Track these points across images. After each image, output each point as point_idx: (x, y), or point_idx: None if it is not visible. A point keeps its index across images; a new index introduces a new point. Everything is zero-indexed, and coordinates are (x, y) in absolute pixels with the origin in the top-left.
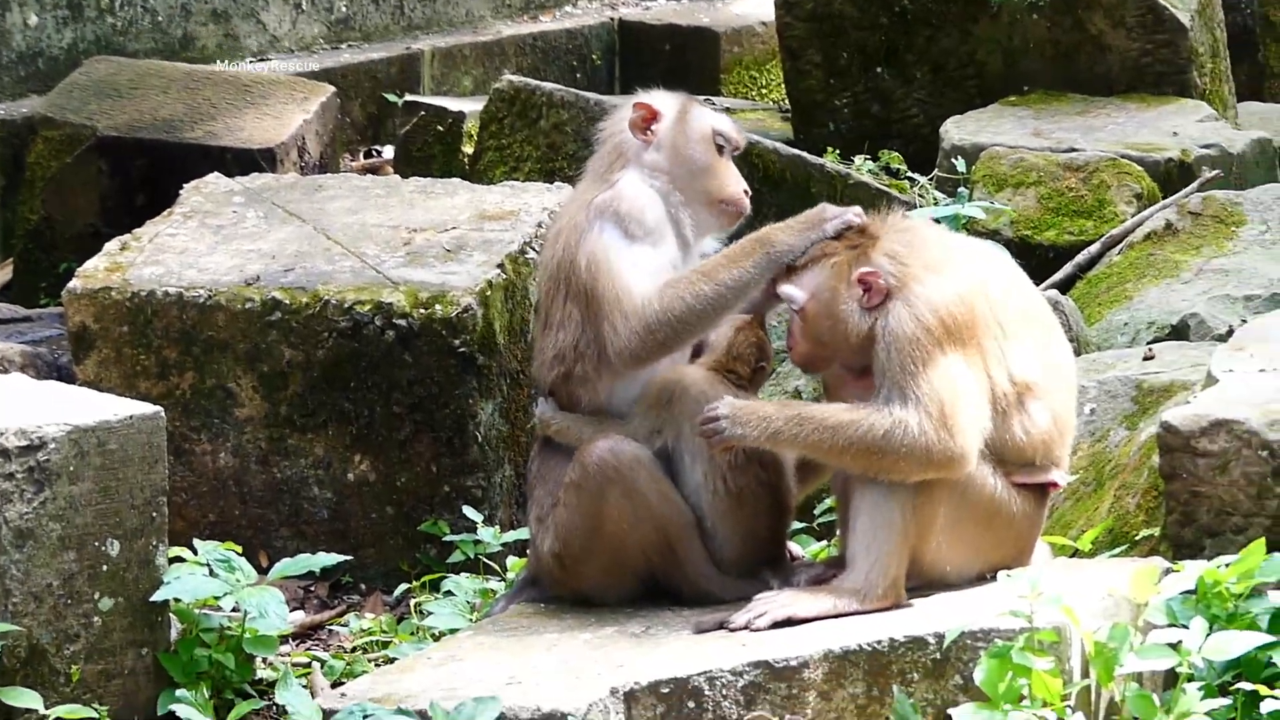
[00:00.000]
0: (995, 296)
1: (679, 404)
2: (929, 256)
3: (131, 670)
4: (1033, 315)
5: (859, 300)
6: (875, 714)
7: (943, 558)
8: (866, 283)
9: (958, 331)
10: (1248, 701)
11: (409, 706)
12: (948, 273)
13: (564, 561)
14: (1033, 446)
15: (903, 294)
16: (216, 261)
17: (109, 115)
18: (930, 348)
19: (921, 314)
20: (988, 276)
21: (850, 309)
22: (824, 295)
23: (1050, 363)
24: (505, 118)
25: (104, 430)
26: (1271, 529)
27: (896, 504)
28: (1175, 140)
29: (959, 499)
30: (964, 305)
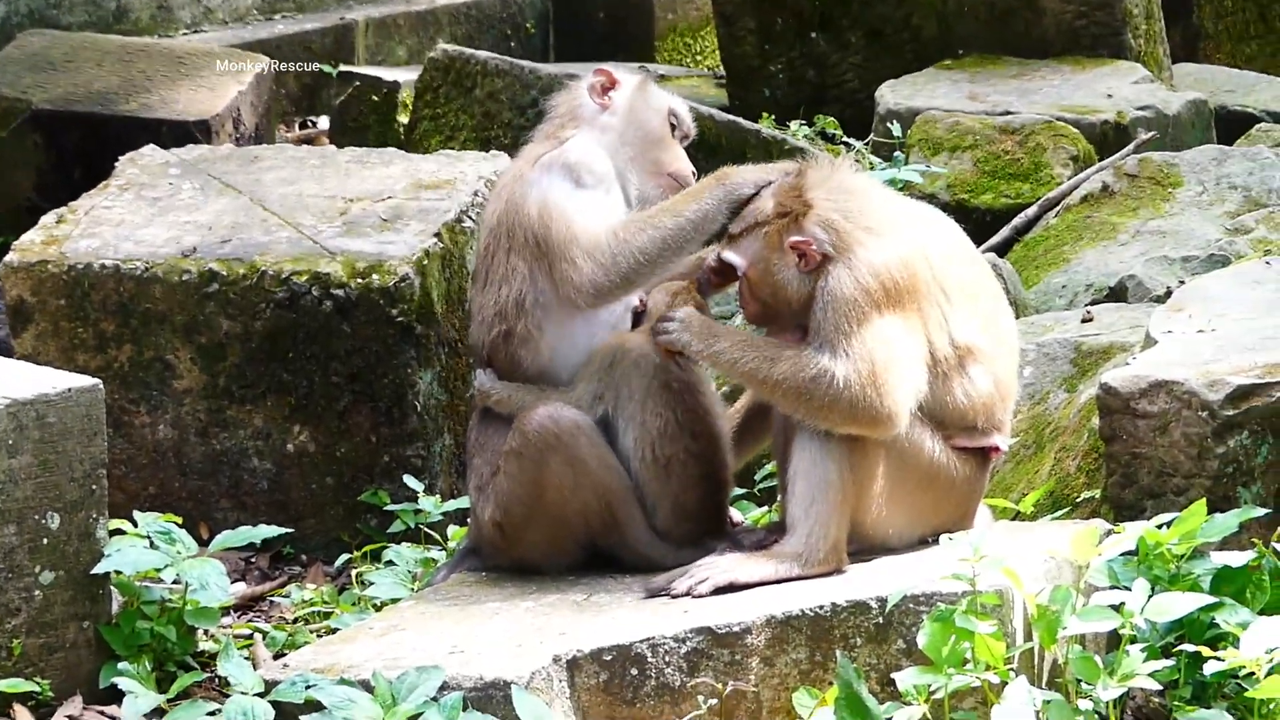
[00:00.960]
0: (937, 261)
1: (619, 368)
2: (870, 219)
3: (73, 643)
4: (975, 280)
5: (795, 266)
6: (818, 679)
7: (884, 521)
8: (799, 250)
9: (897, 294)
10: (1190, 663)
11: (351, 676)
12: (889, 235)
13: (505, 530)
14: (973, 410)
15: (843, 257)
16: (153, 234)
17: (44, 89)
18: (867, 309)
19: (861, 277)
20: (930, 240)
21: (788, 275)
22: (760, 264)
23: (992, 327)
24: (440, 87)
25: (42, 403)
26: (1212, 489)
27: (835, 468)
28: (1111, 102)
29: (898, 463)
30: (905, 268)
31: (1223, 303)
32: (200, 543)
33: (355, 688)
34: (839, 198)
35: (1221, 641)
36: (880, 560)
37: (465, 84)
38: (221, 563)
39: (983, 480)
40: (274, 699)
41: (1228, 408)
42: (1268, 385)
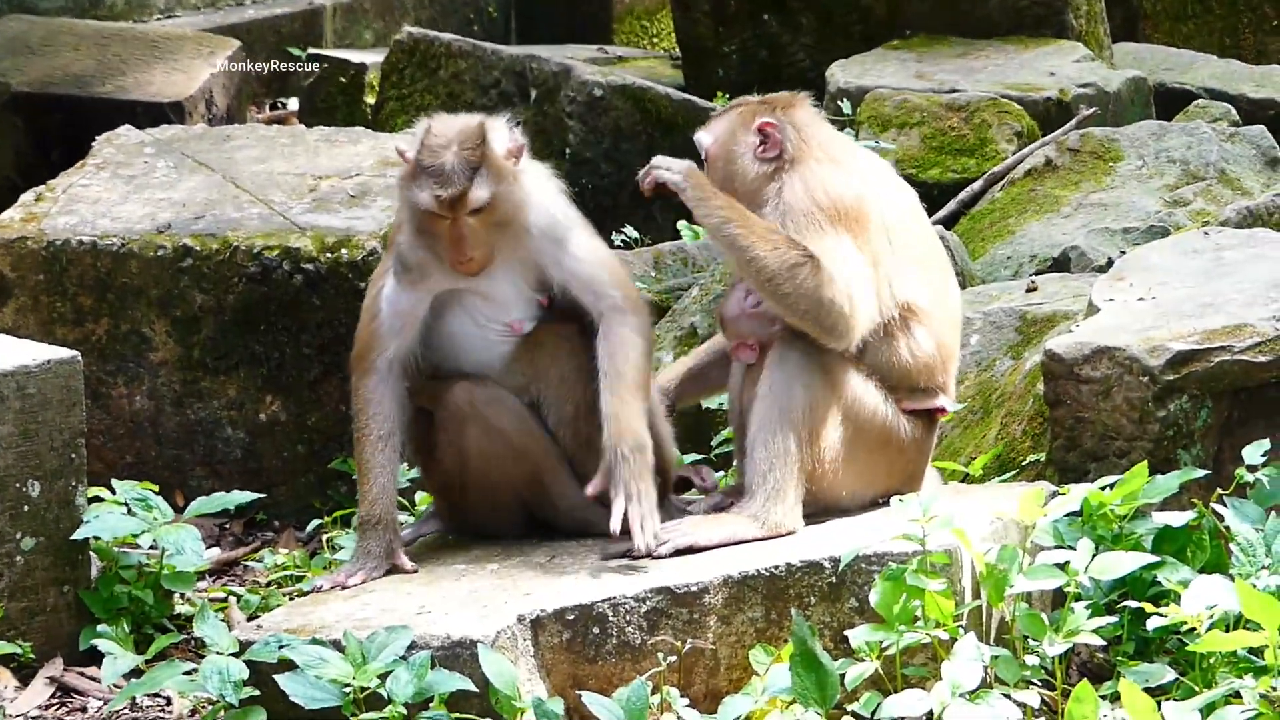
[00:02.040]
0: (888, 213)
1: (540, 358)
2: (833, 149)
3: (54, 607)
4: (923, 243)
5: (754, 150)
6: (774, 637)
7: (838, 484)
8: (765, 132)
9: (848, 218)
10: (1133, 619)
11: (323, 637)
12: (846, 167)
13: (448, 499)
14: (917, 370)
15: (798, 168)
16: (129, 210)
17: (22, 72)
18: (823, 221)
19: (814, 190)
20: (884, 194)
21: (744, 153)
22: (724, 138)
23: (937, 292)
24: (406, 68)
25: (23, 375)
26: (1153, 452)
27: (793, 438)
28: (1053, 80)
29: (854, 428)
30: (856, 199)
31: (1162, 272)
32: (176, 509)
33: (327, 647)
34: (818, 125)
35: (1163, 598)
36: (833, 522)
37: (430, 65)
38: (197, 529)
39: (930, 443)
40: (248, 659)
41: (1168, 373)
42: (1206, 351)
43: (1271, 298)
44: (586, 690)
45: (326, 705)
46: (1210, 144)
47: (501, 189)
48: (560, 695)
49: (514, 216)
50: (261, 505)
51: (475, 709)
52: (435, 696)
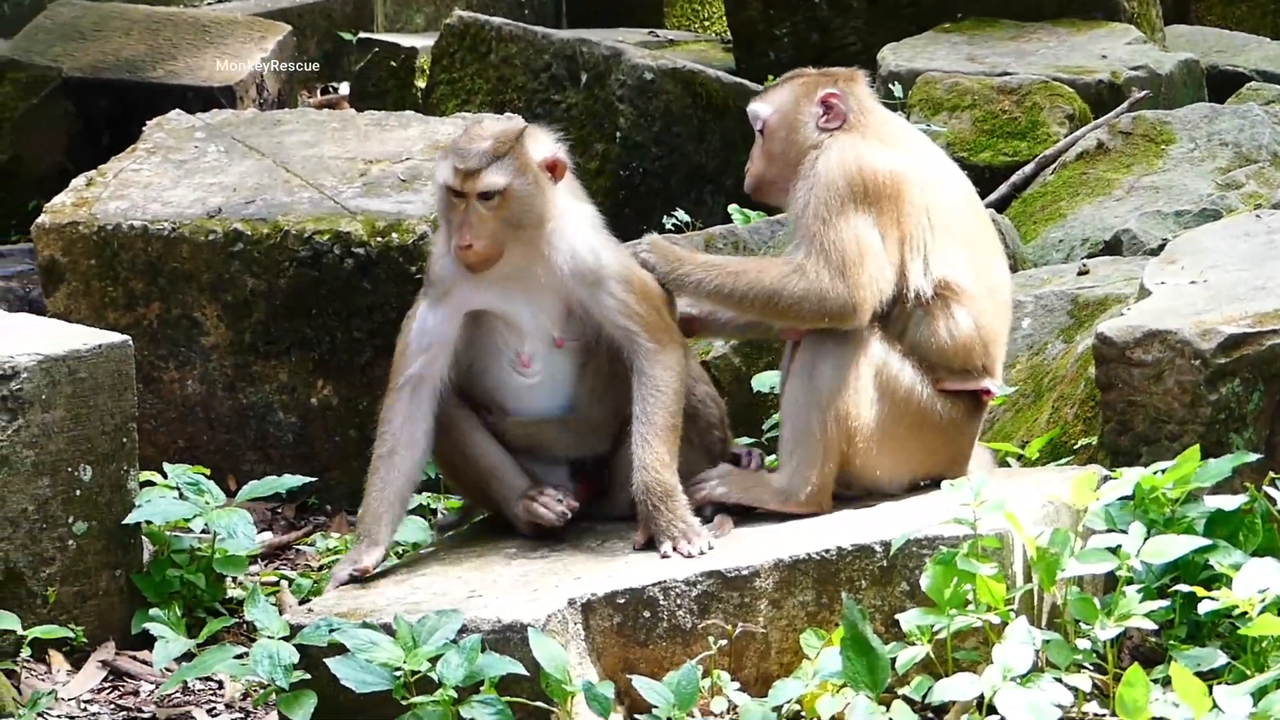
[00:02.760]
0: (931, 193)
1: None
2: (882, 125)
3: (106, 591)
4: (968, 223)
5: (817, 119)
6: (825, 620)
7: (872, 464)
8: (829, 103)
9: (877, 193)
10: (1185, 603)
11: (374, 620)
12: (889, 144)
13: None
14: (955, 349)
15: (840, 140)
16: (180, 195)
17: (74, 57)
18: (845, 198)
19: (849, 162)
20: (929, 174)
21: (807, 122)
22: (787, 108)
23: (981, 274)
24: (456, 52)
25: (74, 360)
26: (1205, 435)
27: (817, 418)
28: (1105, 63)
29: (887, 406)
30: (890, 176)
31: (1214, 255)
32: (228, 494)
33: (377, 631)
34: (873, 101)
35: (1215, 582)
36: (883, 505)
37: (480, 49)
38: (249, 513)
39: (974, 424)
40: (299, 642)
41: (1220, 356)
42: (1258, 334)
43: None
44: (637, 674)
45: (377, 689)
46: (1263, 126)
47: (519, 185)
48: (611, 679)
49: (529, 223)
50: (313, 489)
51: (526, 693)
52: (486, 680)
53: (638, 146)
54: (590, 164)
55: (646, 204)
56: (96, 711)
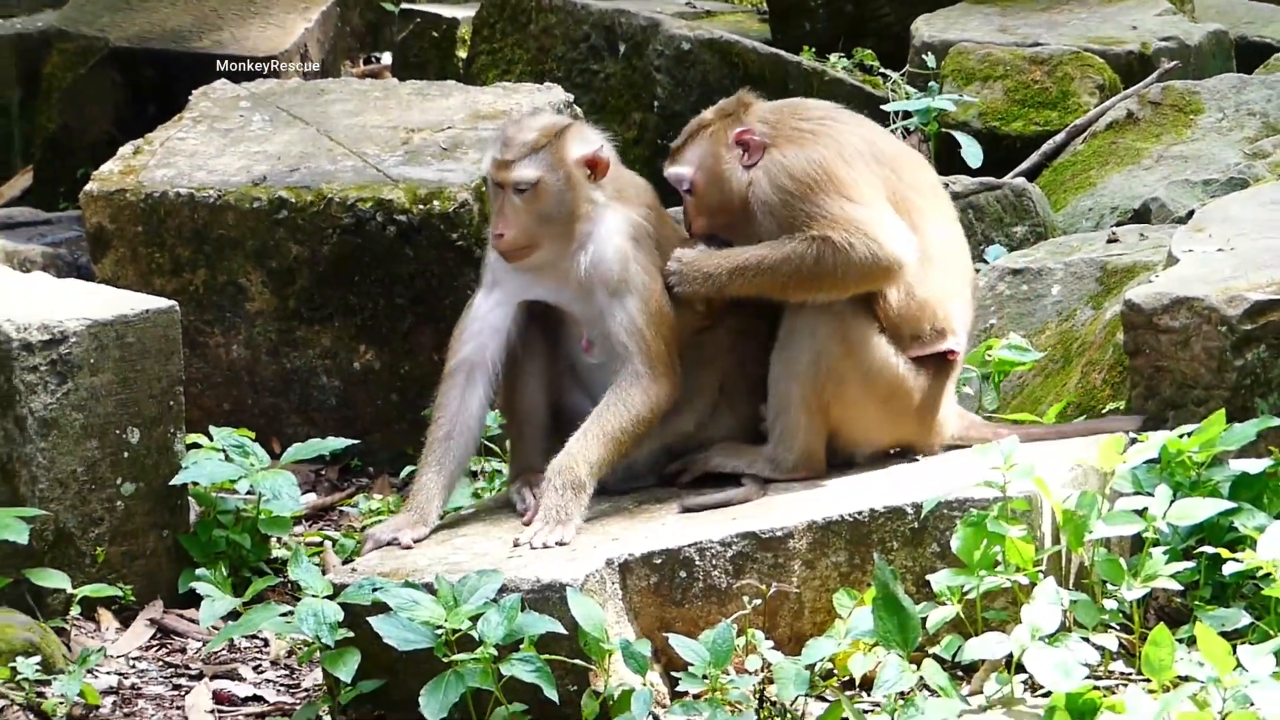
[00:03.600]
0: (855, 164)
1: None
2: (796, 132)
3: (153, 551)
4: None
5: (740, 160)
6: (857, 581)
7: (847, 431)
8: (744, 142)
9: (820, 185)
10: (1210, 564)
11: (416, 580)
12: (807, 144)
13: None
14: (901, 317)
15: (761, 164)
16: (225, 163)
17: (120, 27)
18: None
19: (777, 177)
20: (850, 149)
21: (732, 169)
22: (707, 163)
23: (927, 232)
24: (497, 23)
25: (122, 324)
26: (1231, 400)
27: (795, 385)
28: (1135, 34)
29: (862, 376)
30: (821, 169)
31: (1241, 223)
32: (272, 456)
33: (419, 590)
34: (776, 114)
35: (1240, 544)
36: (914, 467)
37: (521, 20)
38: (293, 474)
39: (942, 388)
40: (343, 601)
41: (1246, 322)
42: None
43: None
44: (673, 632)
45: (419, 646)
46: None
47: (550, 179)
48: (647, 637)
49: (560, 218)
50: (356, 452)
51: (564, 651)
52: (525, 638)
53: (675, 116)
54: (628, 133)
55: None
56: (144, 668)
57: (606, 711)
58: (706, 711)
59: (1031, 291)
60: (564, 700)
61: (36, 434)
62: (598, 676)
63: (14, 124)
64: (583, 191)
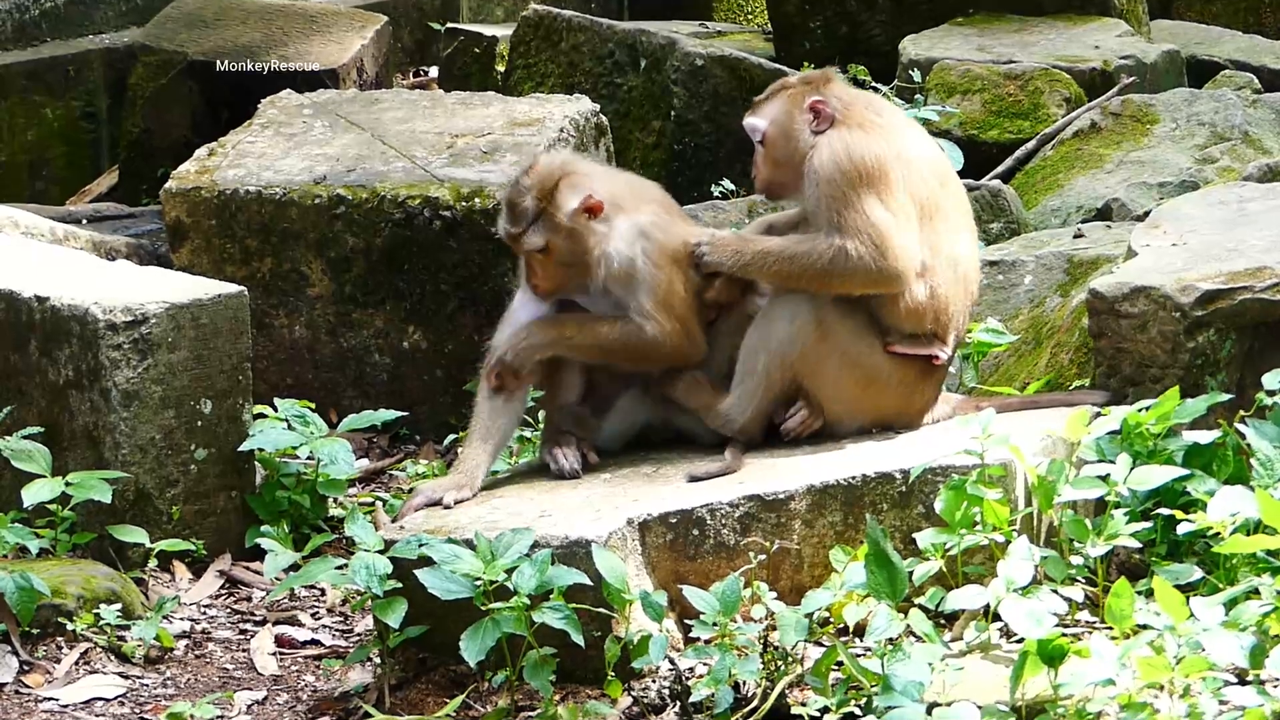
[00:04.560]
0: (908, 169)
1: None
2: (864, 115)
3: (223, 510)
4: (940, 200)
5: (809, 125)
6: (851, 539)
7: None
8: (816, 109)
9: (870, 177)
10: (1166, 525)
11: (457, 536)
12: (871, 131)
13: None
14: (905, 314)
15: (827, 137)
16: (289, 164)
17: (197, 43)
18: (845, 187)
19: (839, 155)
20: (907, 153)
21: (801, 130)
22: (779, 122)
23: (943, 245)
24: (531, 41)
25: (197, 307)
26: (1184, 378)
27: (764, 357)
28: (1098, 53)
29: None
30: (876, 160)
31: (1193, 221)
32: (330, 425)
33: (460, 546)
34: (851, 95)
35: (1192, 507)
36: (900, 437)
37: (553, 38)
38: (348, 442)
39: (925, 387)
40: (392, 555)
41: (1197, 309)
42: (1231, 290)
43: None
44: (687, 584)
45: (460, 596)
46: (1235, 109)
47: (558, 240)
48: (664, 589)
49: (579, 260)
50: (405, 422)
51: (590, 600)
52: (555, 589)
53: (690, 124)
54: (648, 139)
55: (697, 174)
56: (214, 615)
57: (627, 655)
58: (716, 655)
59: (1006, 281)
60: (589, 644)
61: (120, 405)
62: (619, 623)
63: (102, 128)
64: (587, 232)
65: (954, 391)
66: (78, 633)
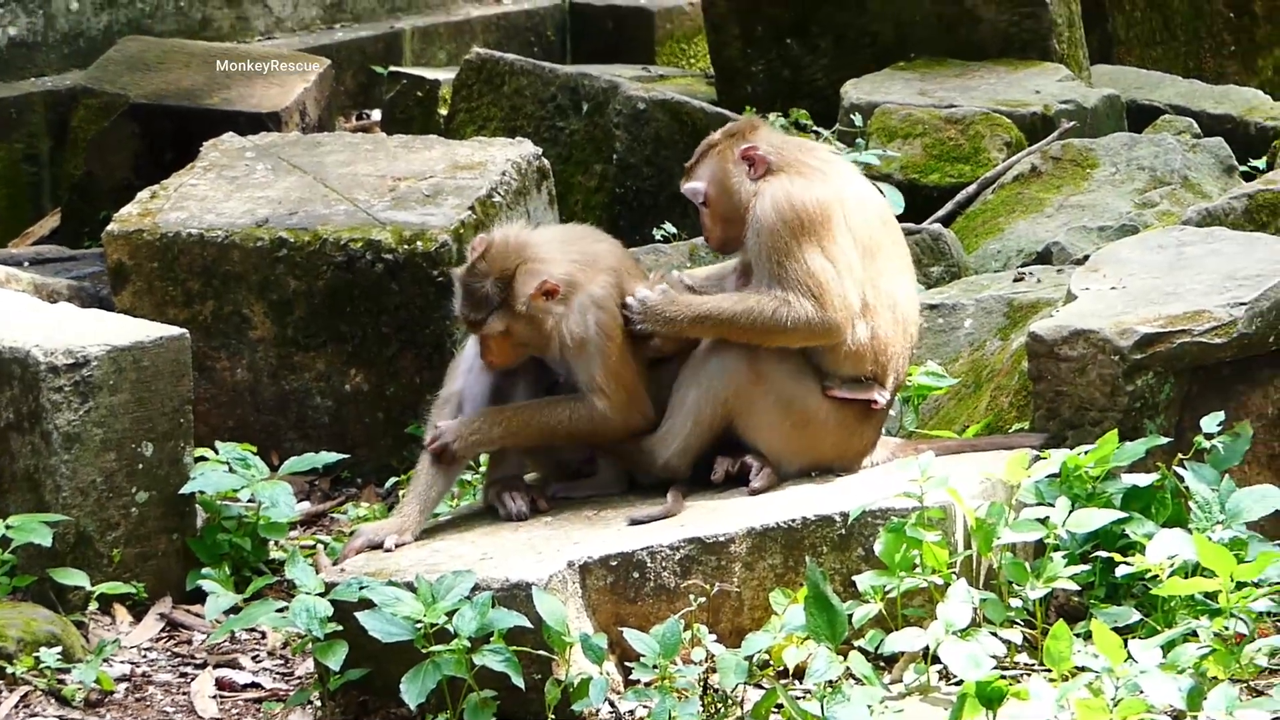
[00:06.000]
0: (850, 213)
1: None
2: (803, 164)
3: (164, 553)
4: (881, 243)
5: (747, 174)
6: (791, 581)
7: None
8: (749, 158)
9: (814, 223)
10: (1104, 567)
11: (398, 579)
12: (811, 177)
13: None
14: (845, 357)
15: (768, 186)
16: (232, 207)
17: (140, 86)
18: (787, 237)
19: (781, 204)
20: (846, 196)
21: (739, 183)
22: (718, 176)
23: (880, 289)
24: (474, 84)
25: (138, 350)
26: (1123, 421)
27: (695, 392)
28: (1038, 97)
29: (769, 402)
30: (819, 206)
31: (1132, 265)
32: (271, 468)
33: (401, 588)
34: (781, 139)
35: (1130, 549)
36: (840, 481)
37: (495, 82)
38: (289, 485)
39: (864, 430)
40: (333, 598)
41: (1136, 353)
42: (1169, 334)
43: (1226, 288)
44: (627, 627)
45: (400, 639)
46: (1175, 154)
47: (517, 325)
48: (604, 631)
49: (535, 341)
50: (346, 465)
51: (530, 643)
52: (495, 632)
53: (631, 167)
54: (590, 183)
55: (639, 218)
56: (155, 658)
57: (567, 697)
58: (656, 698)
59: (947, 324)
60: (530, 687)
61: (61, 447)
62: (560, 666)
63: (44, 170)
64: (545, 314)
65: (894, 434)
66: (17, 676)
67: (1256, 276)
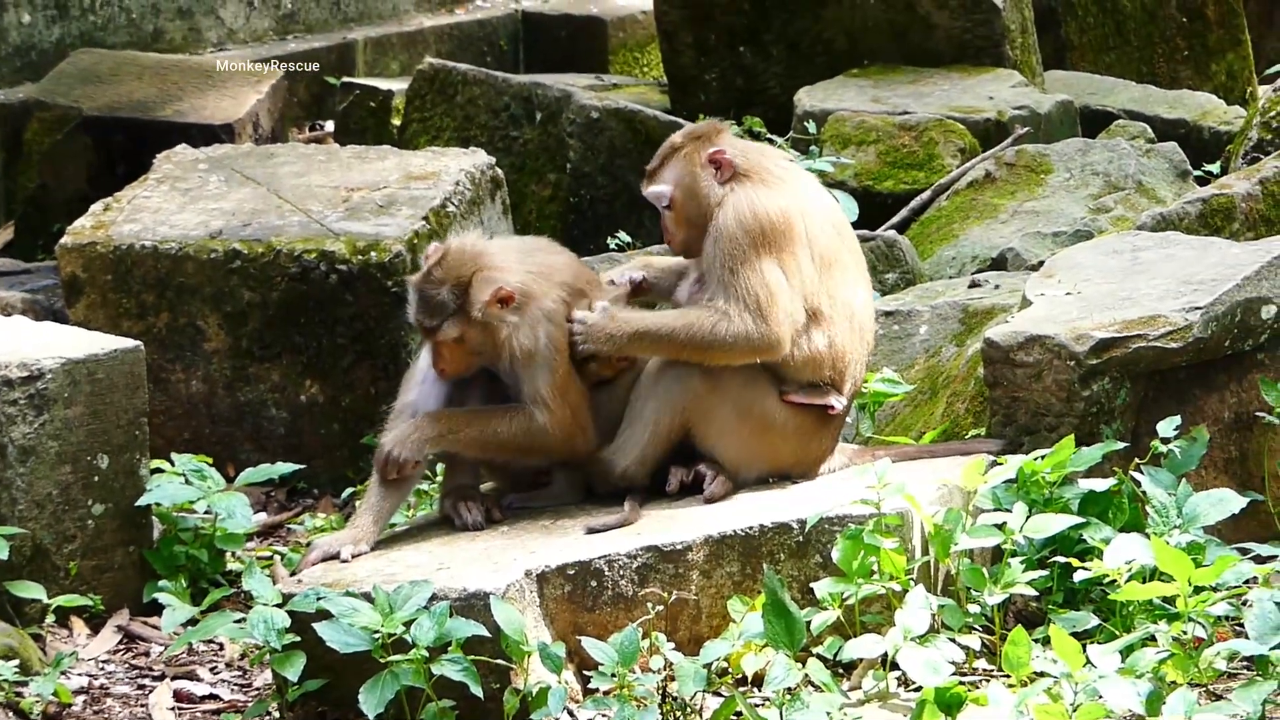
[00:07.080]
0: (809, 222)
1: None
2: (766, 171)
3: (121, 565)
4: (837, 252)
5: (714, 177)
6: (749, 589)
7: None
8: (717, 161)
9: (774, 234)
10: (1062, 573)
11: (355, 590)
12: (774, 185)
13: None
14: (802, 363)
15: (732, 193)
16: (185, 219)
17: (93, 99)
18: (746, 246)
19: (743, 213)
20: (806, 205)
21: (706, 186)
22: (684, 180)
23: (838, 297)
24: (427, 95)
25: (93, 362)
26: (1079, 427)
27: (654, 403)
28: (992, 103)
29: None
30: (781, 215)
31: (1087, 270)
32: (227, 479)
33: (358, 599)
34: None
35: (1088, 554)
36: (797, 487)
37: (448, 92)
38: (246, 496)
39: (822, 436)
40: (291, 609)
41: (1091, 358)
42: (1124, 339)
43: (1181, 292)
44: (585, 636)
45: (358, 649)
46: (1129, 159)
47: (472, 331)
48: (562, 640)
49: (488, 350)
50: (302, 475)
51: (488, 652)
52: (453, 641)
53: (585, 176)
54: (544, 192)
55: (593, 227)
56: (112, 670)
57: (526, 707)
58: (615, 706)
59: (902, 331)
60: (488, 696)
61: (16, 460)
62: (518, 675)
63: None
64: (500, 322)
65: (850, 441)
66: None
67: (1211, 281)
